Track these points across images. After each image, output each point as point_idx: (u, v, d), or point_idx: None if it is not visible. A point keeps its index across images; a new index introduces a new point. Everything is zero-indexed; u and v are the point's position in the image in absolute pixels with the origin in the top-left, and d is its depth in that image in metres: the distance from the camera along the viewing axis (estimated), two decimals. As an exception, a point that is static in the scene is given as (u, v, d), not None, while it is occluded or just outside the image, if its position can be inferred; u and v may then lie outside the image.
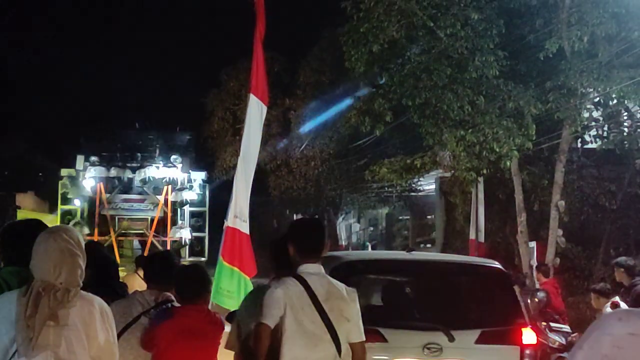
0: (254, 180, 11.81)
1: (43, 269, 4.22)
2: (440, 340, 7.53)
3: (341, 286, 5.73)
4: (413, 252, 9.32)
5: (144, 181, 28.76)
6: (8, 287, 4.55)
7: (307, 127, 31.58)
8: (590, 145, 19.63)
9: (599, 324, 3.34)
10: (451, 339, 7.52)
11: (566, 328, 13.63)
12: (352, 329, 5.64)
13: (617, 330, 3.20)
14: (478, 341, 7.65)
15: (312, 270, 5.65)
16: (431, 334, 7.61)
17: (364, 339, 5.71)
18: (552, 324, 13.41)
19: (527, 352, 7.71)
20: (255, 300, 5.91)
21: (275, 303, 5.43)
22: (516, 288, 11.24)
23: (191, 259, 26.49)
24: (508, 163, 17.49)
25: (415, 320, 8.10)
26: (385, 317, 8.00)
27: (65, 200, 29.41)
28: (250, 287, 8.81)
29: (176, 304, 6.28)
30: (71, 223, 26.18)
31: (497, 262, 9.05)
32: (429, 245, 33.75)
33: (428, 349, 7.52)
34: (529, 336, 7.78)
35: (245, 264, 10.71)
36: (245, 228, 11.32)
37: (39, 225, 4.83)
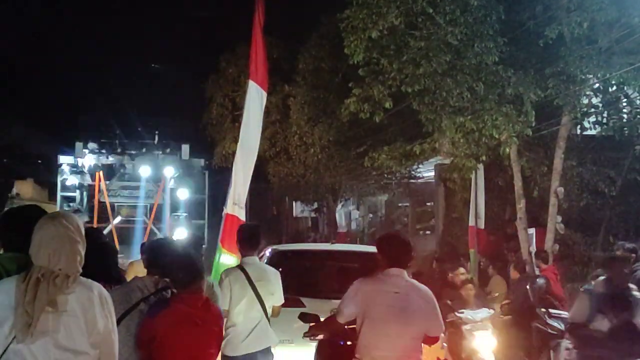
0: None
1: (42, 255, 4.22)
2: None
3: (270, 271, 8.59)
4: (334, 244, 13.96)
5: (143, 168, 28.78)
6: (7, 273, 4.55)
7: (306, 113, 31.51)
8: (589, 132, 19.61)
9: (355, 287, 6.62)
10: None
11: (565, 314, 13.64)
12: (275, 298, 8.42)
13: (365, 287, 6.58)
14: None
15: (250, 262, 8.44)
16: (336, 301, 9.04)
17: (282, 303, 8.58)
18: (551, 310, 13.43)
19: None
20: None
21: (226, 290, 8.01)
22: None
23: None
24: (507, 149, 17.47)
25: (325, 292, 10.78)
26: (305, 290, 10.72)
27: (65, 188, 29.43)
28: None
29: (175, 290, 6.28)
30: (70, 210, 26.16)
31: None
32: (428, 232, 33.77)
33: (332, 312, 9.05)
34: None
35: None
36: (242, 215, 11.34)
37: (38, 212, 4.83)
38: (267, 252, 12.12)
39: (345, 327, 6.93)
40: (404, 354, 6.41)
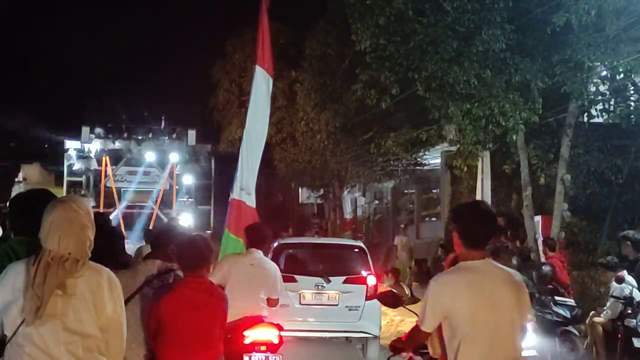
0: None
1: (52, 239, 4.23)
2: (323, 282, 14.31)
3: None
4: (319, 238, 18.86)
5: (149, 154, 28.80)
6: (17, 257, 4.57)
7: (312, 99, 31.51)
8: (596, 120, 19.57)
9: (224, 260, 9.10)
10: (328, 281, 14.28)
11: (571, 302, 13.67)
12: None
13: (230, 260, 9.03)
14: (344, 282, 14.24)
15: None
16: (319, 278, 14.36)
17: None
18: (557, 298, 13.45)
19: (369, 289, 14.12)
20: None
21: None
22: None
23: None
24: (514, 137, 17.46)
25: (312, 271, 14.68)
26: (297, 269, 14.59)
27: (71, 172, 29.44)
28: None
29: (179, 274, 6.31)
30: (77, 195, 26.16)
31: (360, 242, 16.75)
32: (434, 219, 33.78)
33: (317, 285, 14.33)
34: (371, 280, 14.24)
35: None
36: (250, 201, 11.38)
37: (48, 196, 4.84)
38: (274, 243, 15.26)
39: None
40: (251, 307, 8.65)
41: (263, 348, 8.53)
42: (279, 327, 8.81)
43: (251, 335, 8.48)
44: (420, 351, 5.81)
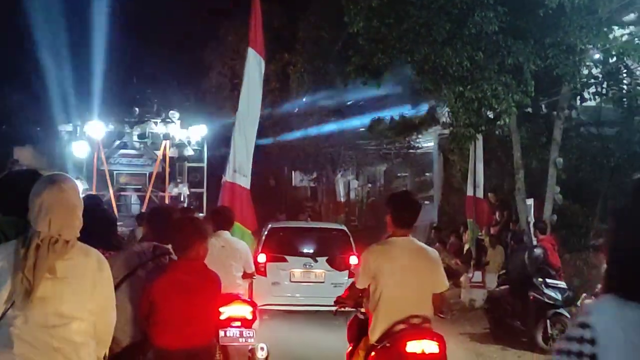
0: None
1: (42, 221, 4.17)
2: (311, 261, 16.23)
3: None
4: (309, 222, 21.54)
5: (142, 137, 28.72)
6: (5, 238, 4.51)
7: (306, 82, 31.45)
8: (589, 103, 19.58)
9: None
10: (315, 260, 16.25)
11: (562, 284, 13.73)
12: None
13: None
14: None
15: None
16: (307, 258, 16.38)
17: None
18: (548, 280, 13.50)
19: (351, 268, 15.42)
20: None
21: None
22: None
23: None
24: (507, 120, 17.45)
25: (301, 252, 16.77)
26: (288, 250, 16.54)
27: (64, 155, 29.34)
28: (250, 239, 11.11)
29: (174, 257, 6.30)
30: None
31: (344, 226, 18.74)
32: (427, 202, 33.81)
33: (304, 265, 16.24)
34: (353, 260, 15.50)
35: (246, 217, 10.83)
36: (245, 182, 11.40)
37: (36, 175, 4.79)
38: (267, 227, 17.29)
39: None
40: (229, 285, 8.82)
41: (237, 324, 9.11)
42: (253, 304, 9.46)
43: (226, 311, 8.98)
44: (360, 311, 7.47)
